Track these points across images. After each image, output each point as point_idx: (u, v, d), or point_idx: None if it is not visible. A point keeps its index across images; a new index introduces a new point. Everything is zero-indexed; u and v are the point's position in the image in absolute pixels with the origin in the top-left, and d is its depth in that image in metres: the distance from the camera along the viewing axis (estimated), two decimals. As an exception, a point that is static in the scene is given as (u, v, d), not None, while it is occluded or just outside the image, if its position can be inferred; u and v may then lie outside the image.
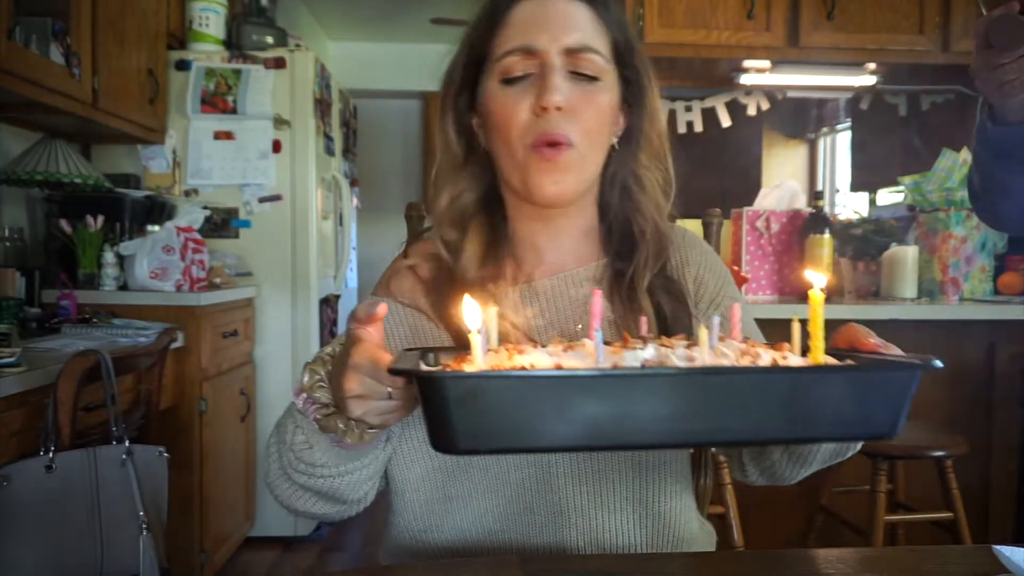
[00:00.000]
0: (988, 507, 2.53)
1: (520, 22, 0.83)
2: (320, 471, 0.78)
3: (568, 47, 0.82)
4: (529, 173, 0.83)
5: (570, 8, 0.84)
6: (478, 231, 0.89)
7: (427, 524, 0.90)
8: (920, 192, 2.68)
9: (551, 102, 0.80)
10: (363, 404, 0.66)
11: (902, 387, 0.61)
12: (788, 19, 2.82)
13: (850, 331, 0.70)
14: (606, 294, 0.90)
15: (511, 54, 0.83)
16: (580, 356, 0.62)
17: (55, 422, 1.53)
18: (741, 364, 0.62)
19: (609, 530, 0.88)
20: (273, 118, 2.96)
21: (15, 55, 1.90)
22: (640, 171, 0.91)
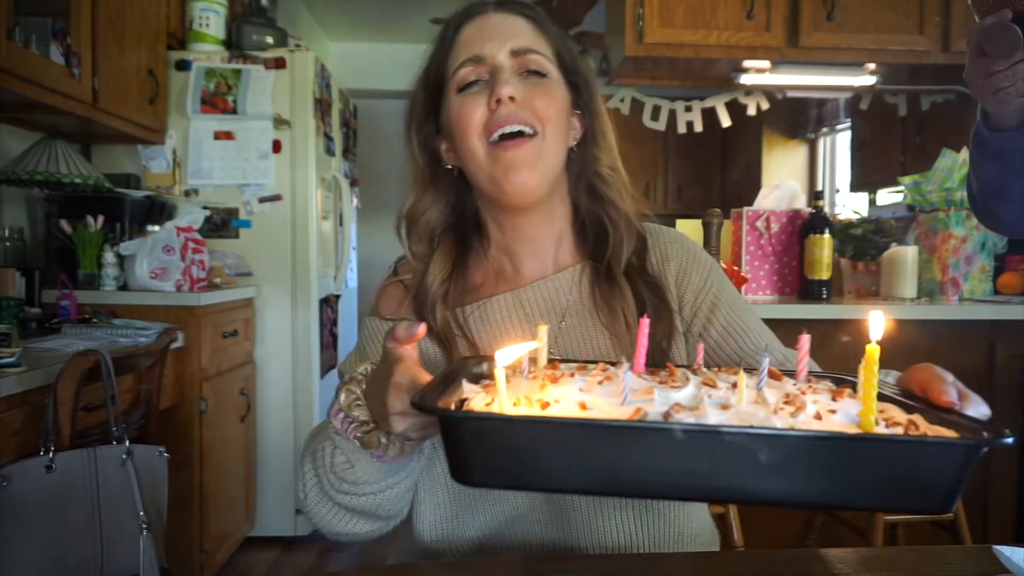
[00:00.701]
0: (988, 507, 2.53)
1: (467, 40, 0.90)
2: (363, 488, 0.80)
3: (513, 49, 0.88)
4: (495, 169, 0.87)
5: (508, 20, 0.90)
6: (446, 246, 0.94)
7: (445, 531, 0.92)
8: (920, 192, 2.68)
9: (503, 93, 0.85)
10: (405, 420, 0.68)
11: (960, 462, 0.54)
12: (788, 19, 2.82)
13: (924, 373, 0.66)
14: (588, 292, 0.92)
15: (462, 66, 0.89)
16: (611, 392, 0.60)
17: (55, 422, 1.53)
18: (780, 415, 0.57)
19: (611, 529, 0.89)
20: (273, 118, 2.96)
21: (15, 55, 1.90)
22: (602, 170, 0.94)
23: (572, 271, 0.95)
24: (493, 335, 0.91)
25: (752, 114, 3.45)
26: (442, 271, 0.93)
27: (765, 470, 0.54)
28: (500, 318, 0.92)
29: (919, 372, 0.66)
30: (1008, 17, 0.96)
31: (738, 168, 5.73)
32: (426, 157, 0.94)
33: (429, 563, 0.90)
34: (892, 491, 0.55)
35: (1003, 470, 2.52)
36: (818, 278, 2.50)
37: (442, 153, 0.94)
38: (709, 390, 0.60)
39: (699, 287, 0.95)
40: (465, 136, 0.88)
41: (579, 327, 0.92)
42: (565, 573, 0.74)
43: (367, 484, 0.79)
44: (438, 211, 0.95)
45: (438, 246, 0.94)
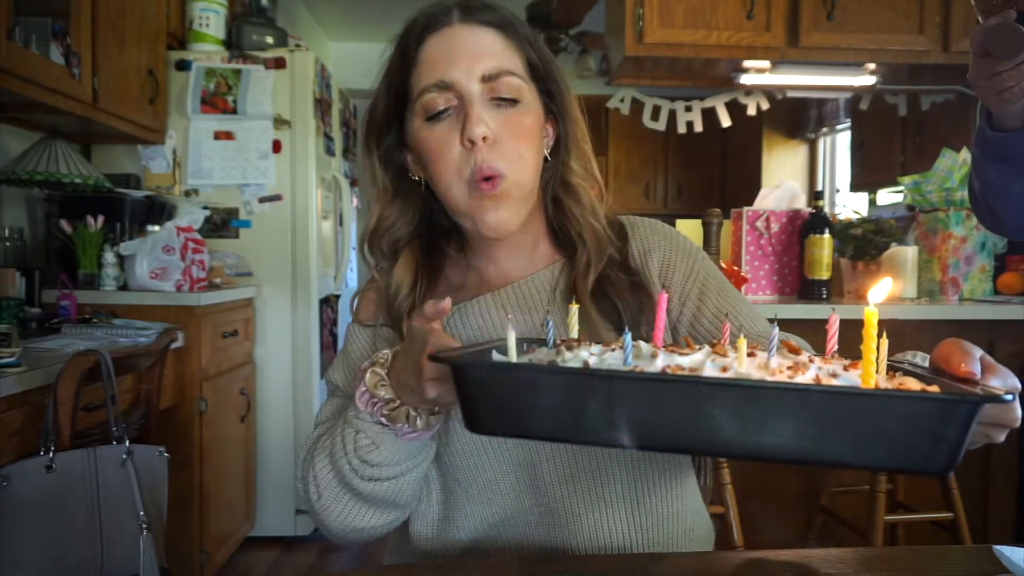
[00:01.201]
0: (988, 507, 2.53)
1: (431, 58, 0.83)
2: (386, 471, 0.80)
3: (483, 74, 0.82)
4: (471, 209, 0.84)
5: (475, 35, 0.84)
6: (408, 257, 0.91)
7: (437, 532, 0.92)
8: (920, 192, 2.68)
9: (476, 135, 0.81)
10: (439, 385, 0.71)
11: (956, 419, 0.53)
12: (788, 19, 2.82)
13: (949, 348, 0.64)
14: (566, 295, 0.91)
15: (428, 91, 0.83)
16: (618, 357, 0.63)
17: (55, 422, 1.53)
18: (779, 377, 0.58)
19: (603, 528, 0.89)
20: (273, 118, 2.96)
21: (15, 55, 1.90)
22: (569, 177, 0.91)
23: (551, 269, 0.93)
24: (475, 337, 0.90)
25: (752, 114, 3.45)
26: (407, 281, 0.90)
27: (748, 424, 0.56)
28: (481, 319, 0.91)
29: (944, 346, 0.65)
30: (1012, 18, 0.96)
31: (738, 168, 5.73)
32: (390, 171, 0.91)
33: (427, 564, 0.90)
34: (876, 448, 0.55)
35: (1003, 470, 2.52)
36: (818, 278, 2.50)
37: (408, 164, 0.91)
38: (718, 357, 0.61)
39: (686, 275, 0.93)
40: (440, 173, 0.84)
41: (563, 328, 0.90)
42: (561, 574, 0.74)
43: (391, 466, 0.80)
44: (404, 225, 0.92)
45: (400, 257, 0.91)
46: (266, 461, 3.05)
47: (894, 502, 2.26)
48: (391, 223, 0.91)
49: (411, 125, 0.87)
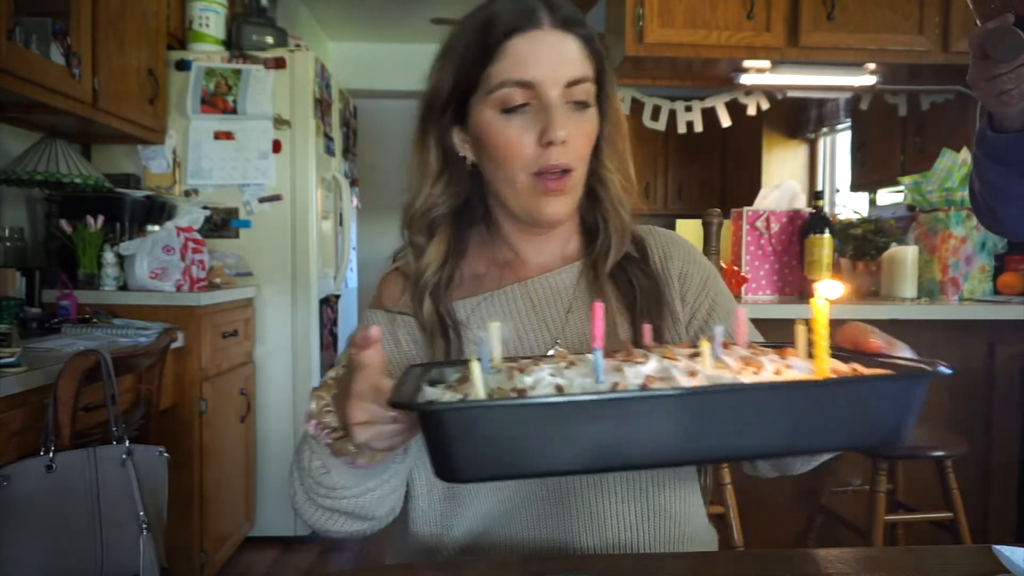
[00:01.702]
0: (988, 507, 2.53)
1: (516, 55, 0.85)
2: (341, 493, 0.79)
3: (567, 80, 0.86)
4: (534, 200, 0.88)
5: (563, 42, 0.87)
6: (443, 234, 0.93)
7: (440, 526, 0.92)
8: (920, 192, 2.68)
9: (558, 137, 0.84)
10: (368, 430, 0.67)
11: (908, 396, 0.60)
12: (788, 19, 2.82)
13: (852, 330, 0.70)
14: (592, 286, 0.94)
15: (509, 85, 0.85)
16: (582, 372, 0.62)
17: (55, 422, 1.53)
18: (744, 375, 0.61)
19: (613, 524, 0.89)
20: (273, 118, 2.96)
21: (15, 55, 1.90)
22: (603, 173, 0.95)
23: (577, 265, 0.96)
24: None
25: (752, 114, 3.45)
26: (436, 259, 0.92)
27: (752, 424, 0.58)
28: (507, 309, 0.92)
29: (846, 330, 0.71)
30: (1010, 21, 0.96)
31: (738, 168, 5.73)
32: (439, 150, 0.93)
33: (427, 563, 0.90)
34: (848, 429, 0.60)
35: (1003, 470, 2.52)
36: (818, 278, 2.51)
37: (456, 146, 0.93)
38: (670, 362, 0.62)
39: (699, 288, 0.97)
40: (507, 164, 0.87)
41: (585, 320, 0.92)
42: (565, 573, 0.74)
43: (344, 489, 0.79)
44: (444, 204, 0.93)
45: (435, 234, 0.93)
46: (266, 461, 3.05)
47: (894, 502, 2.26)
48: (433, 202, 0.93)
49: (479, 113, 0.88)
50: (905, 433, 0.61)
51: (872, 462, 2.01)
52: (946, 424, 2.48)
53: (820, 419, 0.59)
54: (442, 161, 0.93)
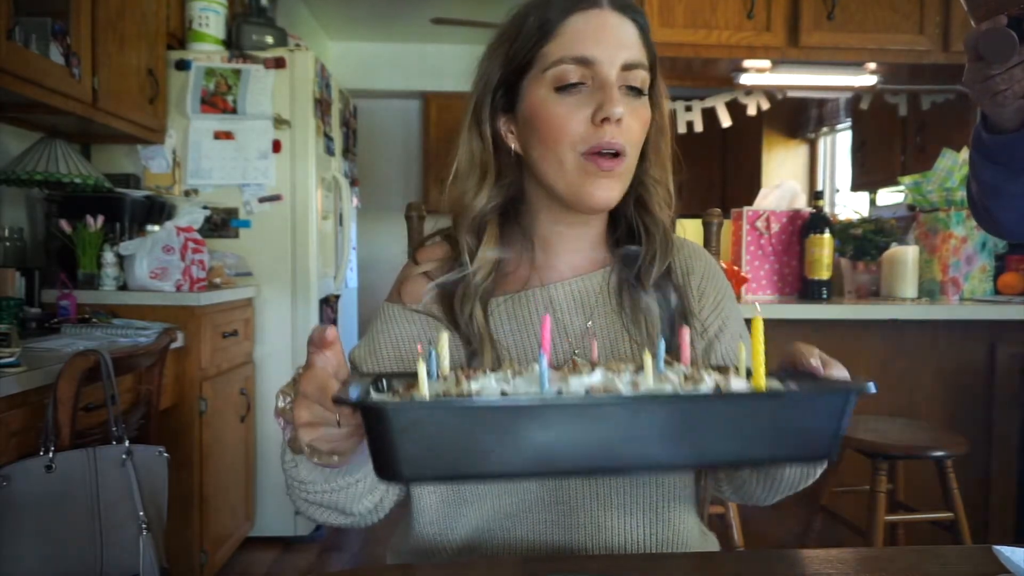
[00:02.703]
0: (988, 507, 2.53)
1: (575, 32, 0.84)
2: (310, 487, 0.79)
3: (625, 62, 0.84)
4: (581, 181, 0.85)
5: (622, 25, 0.86)
6: (492, 237, 0.91)
7: (442, 526, 0.91)
8: (920, 192, 2.68)
9: (614, 115, 0.82)
10: (313, 431, 0.65)
11: (834, 411, 0.61)
12: (788, 19, 2.82)
13: (792, 350, 0.70)
14: (615, 298, 0.93)
15: (565, 62, 0.84)
16: (529, 381, 0.62)
17: (55, 422, 1.53)
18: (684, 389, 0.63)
19: (618, 533, 0.89)
20: (273, 118, 2.96)
21: (15, 55, 1.90)
22: (647, 180, 0.93)
23: (603, 272, 0.94)
24: (520, 330, 0.90)
25: (752, 114, 3.45)
26: (489, 264, 0.89)
27: (683, 433, 0.59)
28: (528, 312, 0.91)
29: (790, 351, 0.71)
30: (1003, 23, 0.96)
31: (738, 168, 5.73)
32: (490, 139, 0.90)
33: (427, 564, 0.90)
34: (777, 442, 0.61)
35: (1003, 470, 2.52)
36: (818, 278, 2.51)
37: (503, 134, 0.91)
38: (615, 374, 0.64)
39: (712, 307, 0.96)
40: (556, 142, 0.84)
41: (606, 328, 0.91)
42: (564, 573, 0.74)
43: (312, 484, 0.78)
44: (494, 199, 0.91)
45: (484, 235, 0.90)
46: (266, 461, 3.05)
47: (894, 502, 2.26)
48: (483, 198, 0.90)
49: (532, 93, 0.86)
50: (834, 450, 0.62)
51: (872, 462, 2.01)
52: (946, 424, 2.48)
53: (746, 431, 0.60)
54: (491, 153, 0.90)
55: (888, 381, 2.50)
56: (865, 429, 2.08)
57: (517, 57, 0.87)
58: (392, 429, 0.56)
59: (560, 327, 0.91)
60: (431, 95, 5.59)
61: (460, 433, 0.57)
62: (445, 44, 5.45)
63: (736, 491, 0.95)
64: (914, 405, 2.51)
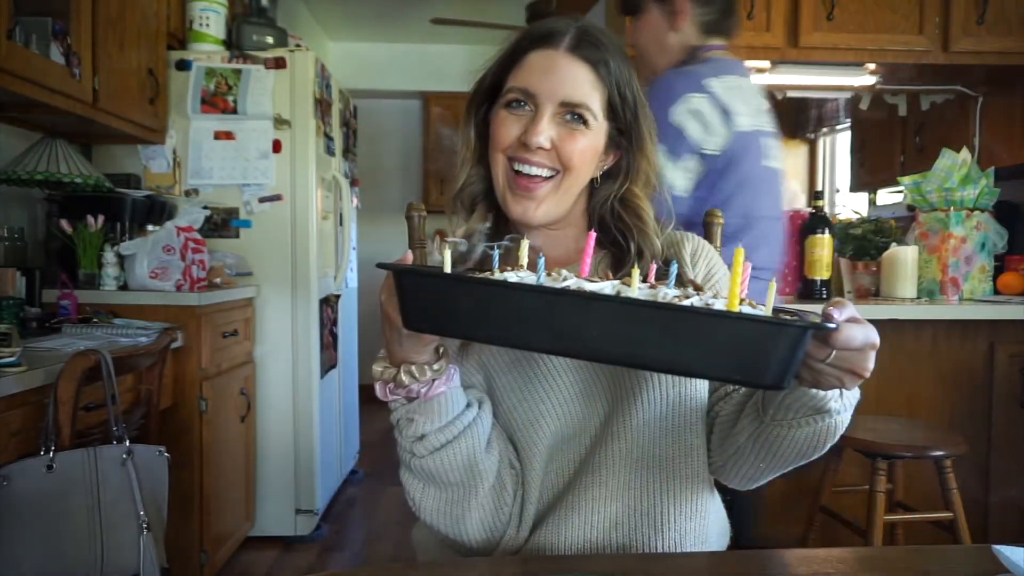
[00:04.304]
0: (988, 507, 2.53)
1: (529, 67, 0.96)
2: (428, 442, 0.88)
3: (563, 100, 0.94)
4: (506, 192, 0.97)
5: (573, 66, 0.94)
6: (484, 209, 1.03)
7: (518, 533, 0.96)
8: (920, 192, 2.68)
9: (533, 142, 0.93)
10: (388, 292, 0.79)
11: (789, 343, 0.64)
12: (788, 19, 2.82)
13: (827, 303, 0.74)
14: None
15: (514, 91, 0.96)
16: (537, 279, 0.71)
17: (55, 422, 1.53)
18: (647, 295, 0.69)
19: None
20: (273, 118, 2.96)
21: (15, 55, 1.90)
22: (631, 200, 1.01)
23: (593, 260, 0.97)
24: None
25: (752, 114, 3.44)
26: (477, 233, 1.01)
27: (637, 336, 0.66)
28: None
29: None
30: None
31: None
32: (477, 141, 1.02)
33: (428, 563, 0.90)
34: (732, 360, 0.65)
35: (1003, 470, 2.52)
36: (818, 278, 2.51)
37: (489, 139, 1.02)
38: (619, 285, 0.70)
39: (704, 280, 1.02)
40: (494, 147, 0.97)
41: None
42: (565, 573, 0.75)
43: (429, 435, 0.87)
44: (480, 186, 1.03)
45: (476, 210, 1.03)
46: (266, 461, 3.05)
47: (894, 502, 2.26)
48: (473, 181, 1.02)
49: (495, 108, 0.99)
50: (785, 380, 0.65)
51: (871, 462, 2.01)
52: (946, 424, 2.48)
53: (703, 344, 0.65)
54: (478, 146, 1.02)
55: (888, 381, 2.50)
56: (865, 429, 2.08)
57: (493, 79, 1.00)
58: (404, 289, 0.73)
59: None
60: (431, 95, 5.59)
61: (448, 299, 0.71)
62: (445, 44, 5.45)
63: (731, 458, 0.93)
64: (914, 405, 2.51)
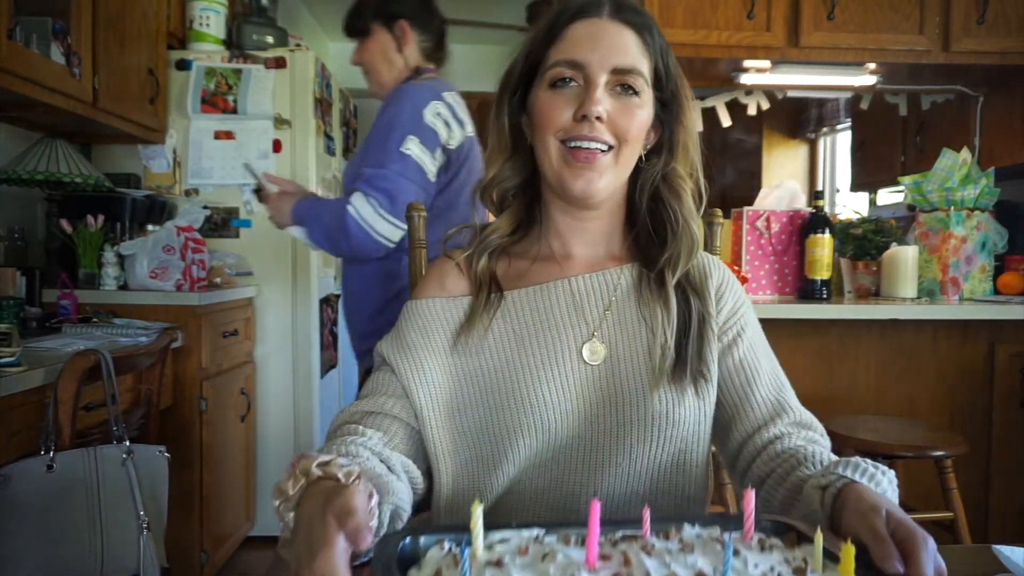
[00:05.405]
0: (988, 507, 2.53)
1: (574, 39, 0.92)
2: None
3: (615, 67, 0.90)
4: (561, 169, 0.91)
5: (620, 32, 0.92)
6: (514, 210, 1.00)
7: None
8: (920, 192, 2.68)
9: (592, 112, 0.88)
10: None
11: None
12: (788, 19, 2.81)
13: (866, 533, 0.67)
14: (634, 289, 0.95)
15: (560, 65, 0.91)
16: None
17: (55, 422, 1.53)
18: None
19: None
20: (273, 118, 2.96)
21: (15, 55, 1.90)
22: (673, 179, 0.97)
23: (622, 268, 0.97)
24: (543, 319, 0.93)
25: (752, 114, 3.45)
26: (506, 228, 0.98)
27: None
28: (551, 302, 0.94)
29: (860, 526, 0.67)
30: None
31: (738, 168, 5.73)
32: (511, 129, 0.98)
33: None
34: None
35: (1003, 470, 2.52)
36: (818, 278, 2.51)
37: (524, 127, 0.98)
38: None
39: (729, 314, 0.98)
40: (543, 131, 0.92)
41: (620, 322, 0.94)
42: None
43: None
44: (513, 181, 0.99)
45: (508, 208, 1.00)
46: (266, 461, 3.05)
47: (894, 502, 2.26)
48: (504, 176, 0.99)
49: (537, 89, 0.94)
50: None
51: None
52: (946, 424, 2.48)
53: None
54: (512, 138, 0.98)
55: (888, 381, 2.50)
56: (865, 429, 2.08)
57: (530, 59, 0.95)
58: None
59: (579, 313, 0.94)
60: (431, 95, 5.58)
61: None
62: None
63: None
64: (914, 405, 2.51)
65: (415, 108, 1.77)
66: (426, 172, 1.76)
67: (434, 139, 1.78)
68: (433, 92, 1.82)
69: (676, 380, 0.90)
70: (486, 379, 0.91)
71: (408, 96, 1.80)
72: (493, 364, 0.92)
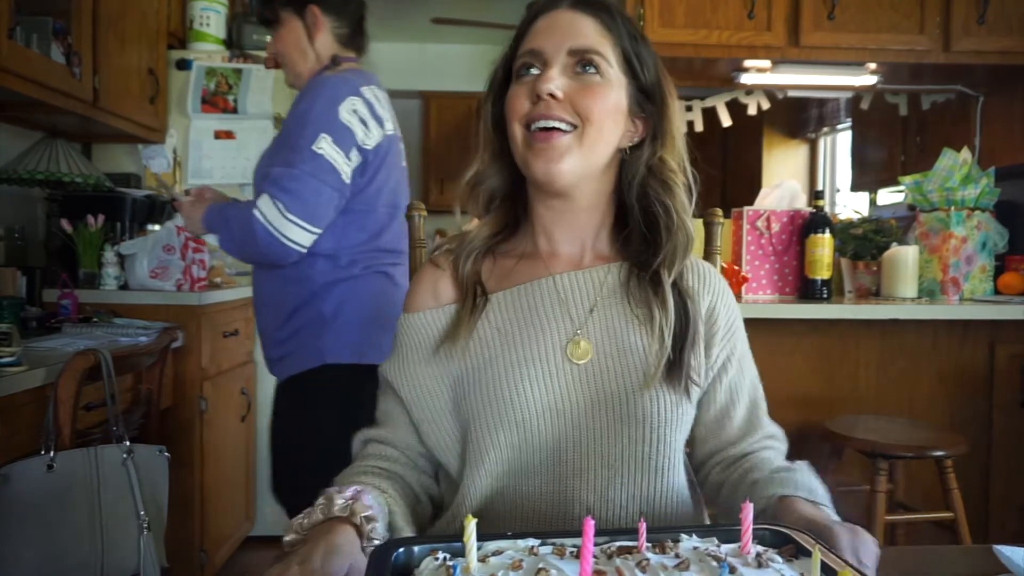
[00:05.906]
0: (988, 507, 2.53)
1: (535, 32, 0.94)
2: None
3: (571, 48, 0.91)
4: (527, 155, 0.91)
5: (577, 18, 0.93)
6: (500, 213, 1.00)
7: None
8: (920, 192, 2.68)
9: (543, 90, 0.89)
10: None
11: None
12: (788, 19, 2.82)
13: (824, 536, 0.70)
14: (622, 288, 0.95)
15: (522, 56, 0.93)
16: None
17: (55, 421, 1.53)
18: None
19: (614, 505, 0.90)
20: (274, 117, 2.96)
21: (16, 54, 1.90)
22: (663, 171, 0.96)
23: (609, 266, 0.96)
24: (527, 318, 0.93)
25: (752, 114, 3.45)
26: (490, 230, 0.98)
27: None
28: (535, 300, 0.94)
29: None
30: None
31: (738, 168, 5.73)
32: (495, 131, 0.98)
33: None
34: None
35: (1003, 470, 2.52)
36: (819, 278, 2.51)
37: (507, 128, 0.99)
38: None
39: (723, 331, 0.97)
40: (510, 120, 0.93)
41: (607, 321, 0.93)
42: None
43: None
44: (498, 182, 0.99)
45: (494, 211, 0.99)
46: (266, 461, 3.04)
47: (894, 502, 2.26)
48: (489, 176, 0.99)
49: (510, 86, 0.95)
50: None
51: (872, 462, 2.01)
52: (946, 424, 2.48)
53: None
54: (493, 133, 0.98)
55: (888, 381, 2.50)
56: (865, 429, 2.08)
57: (505, 62, 0.98)
58: None
59: (563, 309, 0.93)
60: (431, 95, 5.59)
61: None
62: (445, 44, 5.44)
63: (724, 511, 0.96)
64: (914, 405, 2.51)
65: (330, 104, 1.65)
66: (340, 173, 1.63)
67: (349, 138, 1.66)
68: (351, 87, 1.71)
69: (670, 381, 0.89)
70: (471, 378, 0.91)
71: (322, 90, 1.69)
72: (478, 363, 0.91)
